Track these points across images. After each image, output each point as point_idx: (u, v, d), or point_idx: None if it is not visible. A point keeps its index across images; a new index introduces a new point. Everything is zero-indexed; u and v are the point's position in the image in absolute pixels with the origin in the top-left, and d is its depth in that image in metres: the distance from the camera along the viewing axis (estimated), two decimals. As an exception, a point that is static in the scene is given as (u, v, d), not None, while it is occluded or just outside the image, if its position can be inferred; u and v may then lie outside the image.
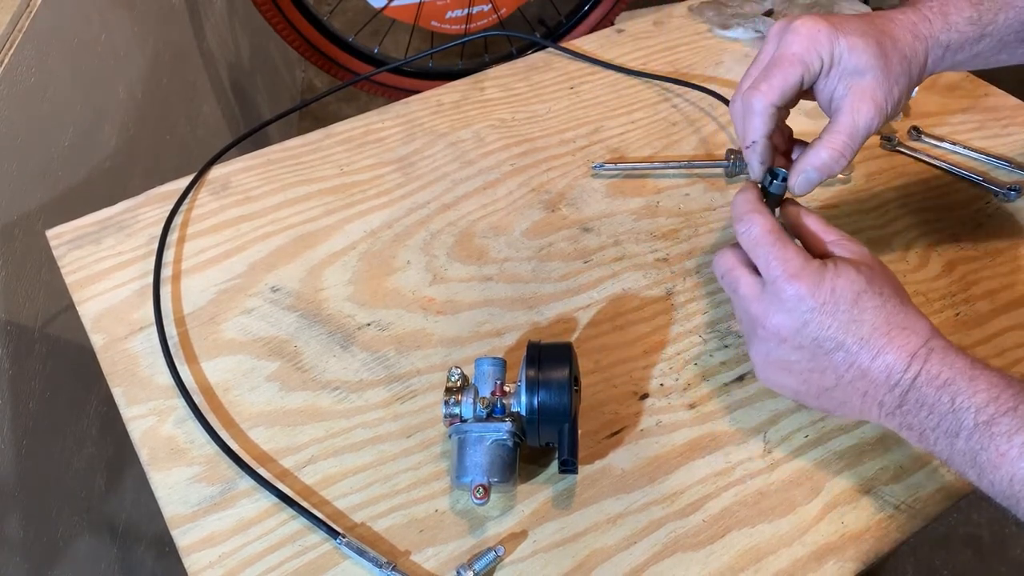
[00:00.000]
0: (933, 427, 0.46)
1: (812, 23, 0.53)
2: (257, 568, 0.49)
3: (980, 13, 0.56)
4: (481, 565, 0.48)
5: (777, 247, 0.50)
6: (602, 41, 0.89)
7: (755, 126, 0.54)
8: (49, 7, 0.86)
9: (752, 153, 0.55)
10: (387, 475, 0.54)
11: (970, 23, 0.56)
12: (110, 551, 0.96)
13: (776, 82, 0.53)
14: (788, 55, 0.53)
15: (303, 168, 0.75)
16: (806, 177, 0.54)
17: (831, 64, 0.53)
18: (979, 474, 0.45)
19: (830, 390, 0.50)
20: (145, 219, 0.70)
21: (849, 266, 0.49)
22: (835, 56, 0.53)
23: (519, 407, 0.50)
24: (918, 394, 0.46)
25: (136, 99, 1.09)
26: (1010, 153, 0.75)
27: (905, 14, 0.55)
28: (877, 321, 0.48)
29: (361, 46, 1.53)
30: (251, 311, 0.63)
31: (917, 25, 0.55)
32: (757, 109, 0.54)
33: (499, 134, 0.79)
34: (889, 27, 0.54)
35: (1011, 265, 0.66)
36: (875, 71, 0.53)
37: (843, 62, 0.53)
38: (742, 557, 0.50)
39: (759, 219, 0.51)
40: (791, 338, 0.49)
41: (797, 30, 0.53)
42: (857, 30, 0.53)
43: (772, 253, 0.50)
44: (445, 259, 0.67)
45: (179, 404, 0.57)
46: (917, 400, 0.46)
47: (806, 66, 0.53)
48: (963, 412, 0.45)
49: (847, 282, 0.48)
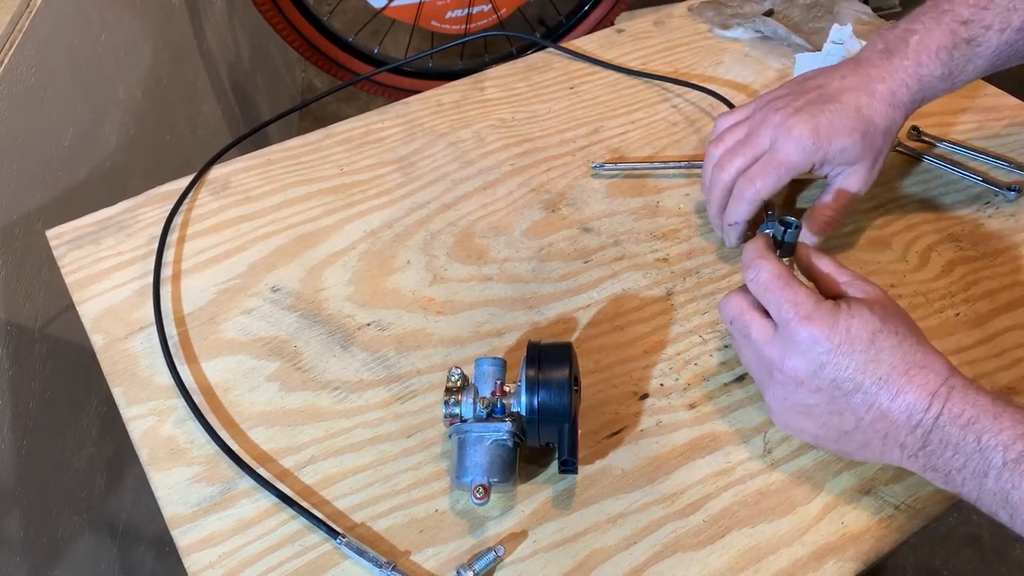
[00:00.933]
0: (959, 468, 0.45)
1: (802, 133, 0.58)
2: (257, 568, 0.49)
3: (950, 70, 0.60)
4: (481, 565, 0.48)
5: (788, 290, 0.49)
6: (602, 41, 0.89)
7: (741, 211, 0.62)
8: (49, 7, 0.86)
9: (733, 231, 0.63)
10: (387, 475, 0.54)
11: (941, 79, 0.60)
12: (110, 551, 0.96)
13: (770, 182, 0.60)
14: (781, 160, 0.59)
15: (303, 168, 0.75)
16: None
17: (822, 163, 0.60)
18: (1012, 515, 0.43)
19: (850, 433, 0.49)
20: (145, 219, 0.70)
21: (863, 306, 0.48)
22: (826, 158, 0.60)
23: (519, 407, 0.50)
24: (941, 434, 0.45)
25: (136, 99, 1.09)
26: (1010, 153, 0.75)
27: (884, 83, 0.60)
28: (895, 360, 0.47)
29: (361, 46, 1.53)
30: (251, 311, 0.63)
31: (895, 94, 0.60)
32: (748, 198, 0.61)
33: (499, 134, 0.79)
34: (870, 111, 0.59)
35: (1011, 265, 0.66)
36: (863, 159, 0.60)
37: (833, 160, 0.60)
38: (742, 557, 0.50)
39: (767, 264, 0.51)
40: (808, 381, 0.48)
41: (789, 136, 0.59)
42: (844, 129, 0.59)
43: (783, 296, 0.49)
44: (445, 259, 0.67)
45: (179, 404, 0.57)
46: (941, 440, 0.45)
47: (796, 171, 0.60)
48: (990, 451, 0.43)
49: (862, 322, 0.47)
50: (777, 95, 0.63)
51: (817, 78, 0.63)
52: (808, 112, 0.59)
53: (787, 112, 0.60)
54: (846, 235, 0.69)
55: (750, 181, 0.60)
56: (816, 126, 0.58)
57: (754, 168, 0.60)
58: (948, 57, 0.59)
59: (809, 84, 0.62)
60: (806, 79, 0.63)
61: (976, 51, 0.59)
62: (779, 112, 0.60)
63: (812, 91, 0.61)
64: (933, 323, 0.62)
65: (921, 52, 0.59)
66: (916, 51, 0.59)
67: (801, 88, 0.62)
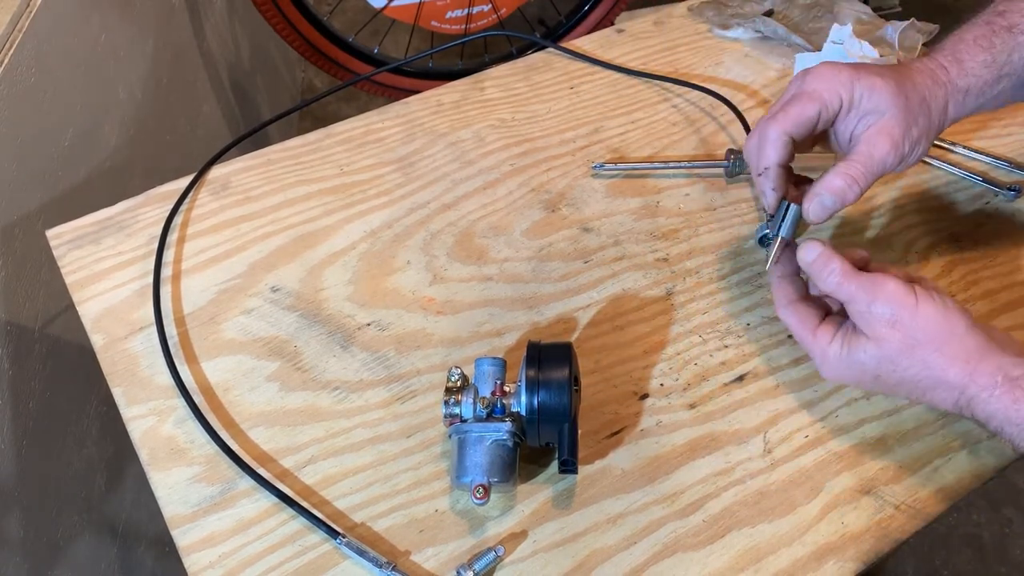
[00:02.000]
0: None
1: (833, 66, 0.56)
2: (257, 568, 0.49)
3: (993, 56, 0.58)
4: (481, 565, 0.48)
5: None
6: (602, 41, 0.89)
7: (768, 154, 0.56)
8: (49, 7, 0.86)
9: (765, 180, 0.57)
10: (387, 475, 0.54)
11: (985, 66, 0.58)
12: (110, 551, 0.96)
13: (793, 112, 0.55)
14: (808, 91, 0.56)
15: (303, 168, 0.75)
16: (820, 201, 0.55)
17: (851, 105, 0.56)
18: None
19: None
20: (145, 219, 0.70)
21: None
22: (855, 97, 0.55)
23: (519, 407, 0.50)
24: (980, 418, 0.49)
25: (136, 99, 1.09)
26: (1010, 153, 0.75)
27: (922, 62, 0.58)
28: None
29: (361, 46, 1.53)
30: (251, 311, 0.63)
31: (935, 72, 0.57)
32: (771, 137, 0.56)
33: (499, 134, 0.79)
34: (908, 72, 0.57)
35: (1011, 265, 0.66)
36: (894, 110, 0.55)
37: (863, 103, 0.55)
38: (742, 557, 0.50)
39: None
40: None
41: (818, 71, 0.56)
42: (876, 72, 0.55)
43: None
44: (445, 259, 0.67)
45: (179, 404, 0.57)
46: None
47: (824, 103, 0.55)
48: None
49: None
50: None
51: None
52: (840, 64, 0.57)
53: (819, 64, 0.58)
54: (846, 235, 0.69)
55: (771, 117, 0.57)
56: (847, 64, 0.56)
57: (776, 106, 0.58)
58: (988, 44, 0.58)
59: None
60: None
61: (1019, 39, 0.58)
62: (826, 66, 0.57)
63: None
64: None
65: (958, 43, 0.58)
66: (952, 42, 0.59)
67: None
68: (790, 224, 0.56)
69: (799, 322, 0.55)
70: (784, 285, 0.57)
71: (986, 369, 0.48)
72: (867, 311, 0.50)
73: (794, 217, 0.56)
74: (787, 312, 0.56)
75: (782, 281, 0.57)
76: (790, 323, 0.56)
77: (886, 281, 0.50)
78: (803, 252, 0.54)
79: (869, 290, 0.50)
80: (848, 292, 0.51)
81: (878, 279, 0.51)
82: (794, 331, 0.56)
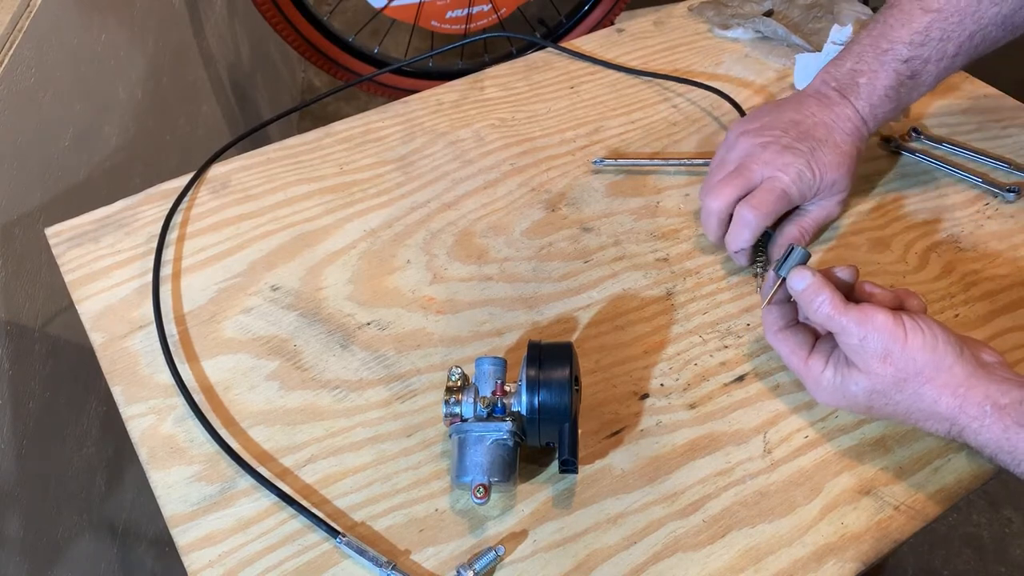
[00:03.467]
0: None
1: (802, 168, 0.62)
2: (257, 567, 0.49)
3: (898, 103, 0.66)
4: (481, 565, 0.48)
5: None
6: (602, 41, 0.89)
7: (745, 237, 0.63)
8: (49, 7, 0.86)
9: (741, 256, 0.65)
10: (387, 474, 0.54)
11: (892, 112, 0.66)
12: (110, 551, 0.96)
13: (771, 209, 0.62)
14: (783, 189, 0.62)
15: (303, 167, 0.75)
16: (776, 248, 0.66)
17: (813, 195, 0.64)
18: None
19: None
20: (144, 217, 0.70)
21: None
22: (819, 190, 0.64)
23: (519, 407, 0.50)
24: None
25: (136, 99, 1.09)
26: (1009, 154, 0.75)
27: (851, 122, 0.65)
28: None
29: (361, 46, 1.53)
30: (251, 310, 0.63)
31: (859, 130, 0.65)
32: (752, 224, 0.62)
33: (499, 134, 0.79)
34: (847, 147, 0.64)
35: (1011, 266, 0.66)
36: (844, 191, 0.65)
37: (822, 193, 0.64)
38: (742, 557, 0.50)
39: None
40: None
41: (788, 171, 0.62)
42: (832, 164, 0.63)
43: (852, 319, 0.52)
44: (445, 258, 0.67)
45: (179, 403, 0.57)
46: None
47: (793, 202, 0.64)
48: (1021, 472, 0.48)
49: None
50: (751, 128, 0.66)
51: (784, 111, 0.66)
52: (798, 150, 0.63)
53: (777, 148, 0.63)
54: (846, 236, 0.69)
55: (751, 208, 0.62)
56: (810, 162, 0.63)
57: (755, 195, 0.62)
58: (895, 95, 0.65)
59: (782, 119, 0.65)
60: (772, 113, 0.66)
61: (918, 82, 0.65)
62: (768, 149, 0.63)
63: (789, 126, 0.64)
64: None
65: (872, 94, 0.65)
66: (868, 93, 0.65)
67: (775, 122, 0.65)
68: (790, 265, 0.55)
69: (791, 350, 0.55)
70: (773, 311, 0.56)
71: (975, 399, 0.48)
72: (859, 345, 0.50)
73: (797, 259, 0.55)
74: (778, 339, 0.56)
75: (771, 307, 0.57)
76: (781, 351, 0.56)
77: (876, 313, 0.50)
78: (793, 280, 0.54)
79: (860, 323, 0.50)
80: (839, 324, 0.51)
81: (868, 311, 0.50)
82: (785, 358, 0.56)
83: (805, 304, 0.53)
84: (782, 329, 0.56)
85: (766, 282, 0.57)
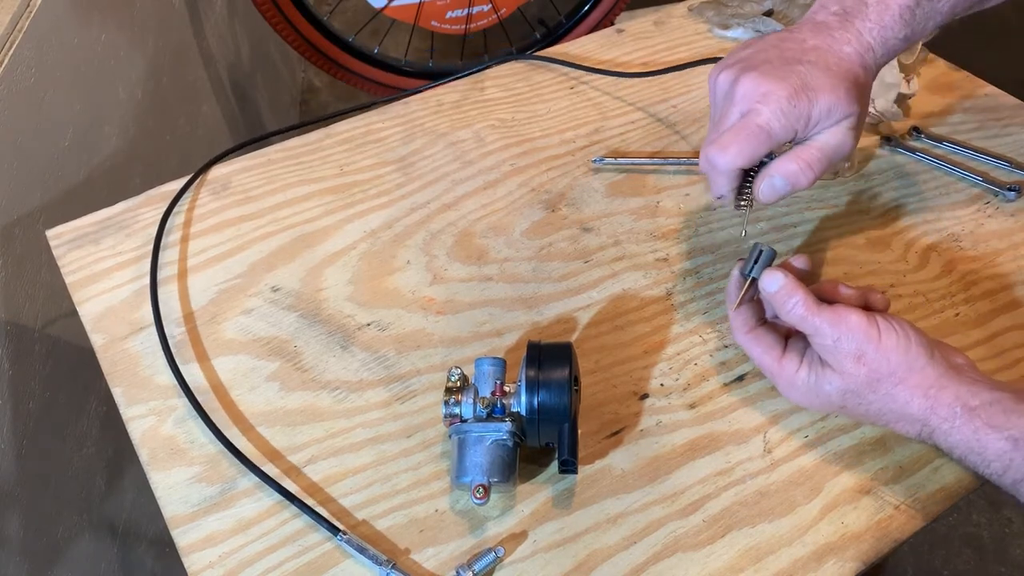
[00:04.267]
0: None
1: (788, 95, 0.52)
2: (257, 568, 0.49)
3: (912, 30, 0.55)
4: (481, 566, 0.48)
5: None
6: (602, 41, 0.89)
7: (721, 184, 0.55)
8: (49, 7, 0.86)
9: (724, 203, 0.58)
10: (387, 475, 0.54)
11: (904, 40, 0.56)
12: (110, 551, 0.96)
13: (742, 148, 0.53)
14: (761, 125, 0.52)
15: (303, 168, 0.75)
16: (770, 183, 0.54)
17: (807, 128, 0.53)
18: None
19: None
20: (144, 219, 0.70)
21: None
22: (812, 119, 0.53)
23: (519, 407, 0.50)
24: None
25: (136, 99, 1.09)
26: (1010, 153, 0.75)
27: (851, 46, 0.54)
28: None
29: (361, 46, 1.53)
30: (251, 311, 0.63)
31: (863, 57, 0.55)
32: (722, 169, 0.54)
33: (499, 134, 0.79)
34: (849, 68, 0.54)
35: (1011, 265, 0.66)
36: (851, 115, 0.53)
37: (822, 120, 0.53)
38: (742, 557, 0.50)
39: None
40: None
41: (772, 100, 0.52)
42: (827, 85, 0.52)
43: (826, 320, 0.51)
44: (445, 259, 0.67)
45: (179, 404, 0.57)
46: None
47: (776, 140, 0.53)
48: (991, 474, 0.48)
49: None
50: (729, 63, 0.56)
51: (769, 39, 0.56)
52: (779, 77, 0.52)
53: (754, 78, 0.53)
54: (846, 235, 0.69)
55: (719, 149, 0.53)
56: (797, 89, 0.52)
57: (727, 135, 0.53)
58: (911, 17, 0.55)
59: (765, 48, 0.55)
60: (755, 44, 0.57)
61: (936, 7, 0.55)
62: (743, 82, 0.53)
63: (772, 54, 0.54)
64: (933, 323, 0.62)
65: (883, 14, 0.54)
66: (878, 12, 0.54)
67: (757, 53, 0.55)
68: (760, 265, 0.54)
69: (763, 351, 0.54)
70: (742, 311, 0.56)
71: (946, 400, 0.49)
72: (832, 345, 0.50)
73: (766, 259, 0.54)
74: (748, 340, 0.55)
75: (740, 307, 0.56)
76: (753, 352, 0.55)
77: (849, 314, 0.50)
78: (765, 283, 0.53)
79: (833, 324, 0.50)
80: (812, 326, 0.51)
81: (841, 312, 0.50)
82: (757, 359, 0.55)
83: (778, 306, 0.52)
84: (753, 329, 0.55)
85: (731, 283, 0.56)
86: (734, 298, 0.56)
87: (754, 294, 0.56)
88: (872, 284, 0.65)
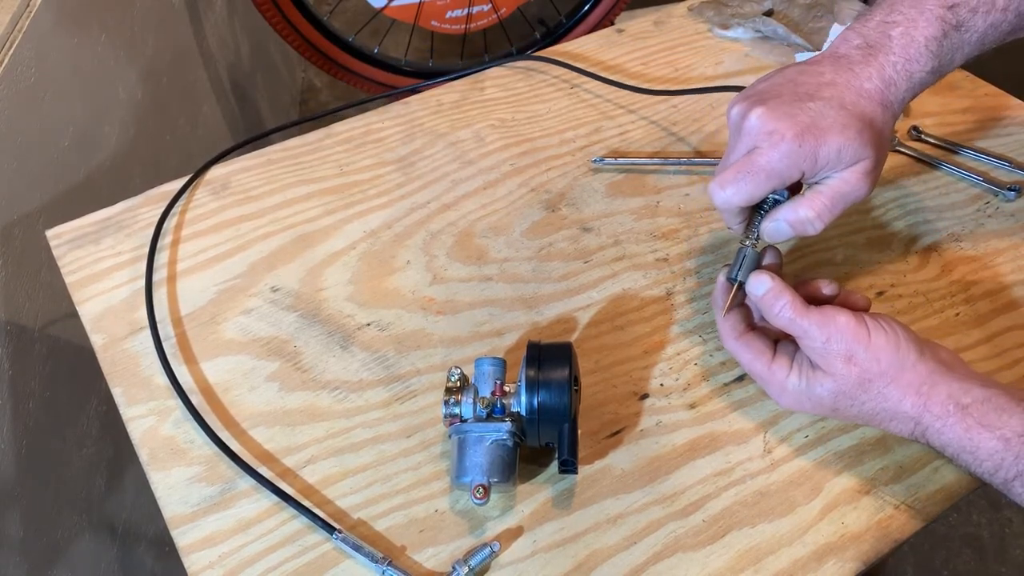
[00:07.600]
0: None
1: (794, 136, 0.49)
2: (257, 568, 0.49)
3: (940, 63, 0.53)
4: (476, 561, 0.48)
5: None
6: (602, 41, 0.89)
7: (726, 218, 0.56)
8: (49, 7, 0.86)
9: (733, 231, 0.56)
10: (387, 475, 0.54)
11: (932, 73, 0.53)
12: (110, 551, 0.96)
13: (744, 189, 0.51)
14: (762, 165, 0.50)
15: (303, 168, 0.75)
16: (776, 226, 0.53)
17: (816, 169, 0.51)
18: None
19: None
20: (144, 219, 0.70)
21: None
22: (819, 160, 0.50)
23: (519, 407, 0.50)
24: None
25: (136, 99, 1.09)
26: (1010, 153, 0.75)
27: (872, 82, 0.52)
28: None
29: (361, 46, 1.53)
30: (251, 311, 0.63)
31: (884, 94, 0.52)
32: (724, 207, 0.53)
33: (499, 134, 0.79)
34: (864, 109, 0.51)
35: (1011, 265, 0.66)
36: (864, 159, 0.51)
37: (831, 162, 0.50)
38: (742, 557, 0.50)
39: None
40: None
41: (779, 143, 0.50)
42: (837, 125, 0.50)
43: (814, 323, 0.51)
44: (445, 259, 0.67)
45: (179, 404, 0.57)
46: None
47: (781, 180, 0.51)
48: (982, 473, 0.48)
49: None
50: (746, 96, 0.54)
51: (787, 71, 0.54)
52: (790, 114, 0.50)
53: (763, 114, 0.51)
54: (846, 235, 0.69)
55: (720, 187, 0.52)
56: (805, 128, 0.49)
57: (727, 173, 0.51)
58: (938, 48, 0.52)
59: (782, 81, 0.53)
60: (774, 77, 0.55)
61: (964, 37, 0.53)
62: (753, 117, 0.51)
63: (787, 89, 0.52)
64: (933, 323, 0.62)
65: (909, 46, 0.52)
66: (903, 45, 0.52)
67: (773, 86, 0.53)
68: (746, 269, 0.54)
69: (753, 356, 0.54)
70: (730, 317, 0.55)
71: (938, 398, 0.48)
72: (822, 347, 0.50)
73: (751, 262, 0.54)
74: (737, 345, 0.54)
75: (728, 312, 0.55)
76: (742, 357, 0.54)
77: (837, 315, 0.50)
78: (752, 286, 0.53)
79: (822, 326, 0.50)
80: (801, 328, 0.50)
81: (828, 313, 0.50)
82: (746, 364, 0.54)
83: (766, 309, 0.52)
84: (742, 335, 0.55)
85: (717, 289, 0.56)
86: (721, 304, 0.55)
87: (742, 299, 0.56)
88: (872, 284, 0.65)
